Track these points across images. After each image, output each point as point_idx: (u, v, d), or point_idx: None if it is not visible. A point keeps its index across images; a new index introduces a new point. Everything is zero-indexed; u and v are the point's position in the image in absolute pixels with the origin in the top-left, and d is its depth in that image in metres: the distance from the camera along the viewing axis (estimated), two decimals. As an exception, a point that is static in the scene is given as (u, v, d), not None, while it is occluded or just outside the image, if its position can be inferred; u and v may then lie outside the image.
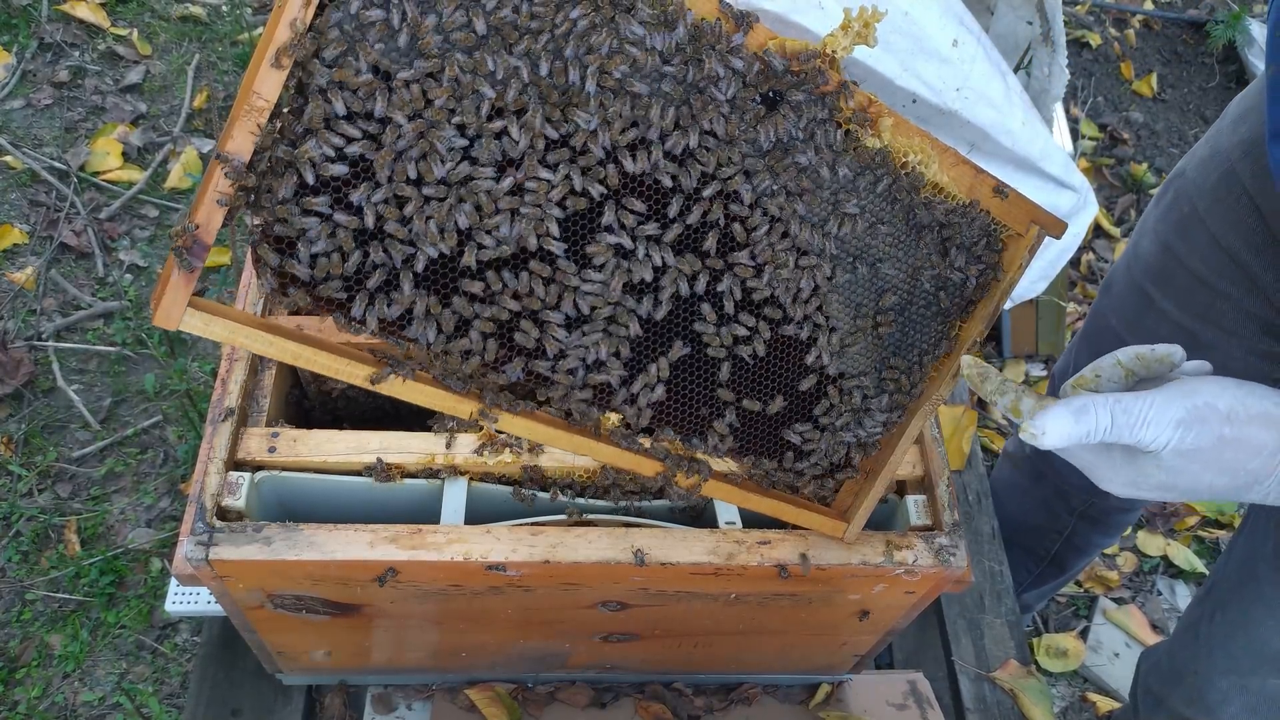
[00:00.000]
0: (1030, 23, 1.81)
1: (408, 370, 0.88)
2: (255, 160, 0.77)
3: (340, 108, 0.79)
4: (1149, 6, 3.86)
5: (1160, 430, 0.81)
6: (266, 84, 0.75)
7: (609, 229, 0.90)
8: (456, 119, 0.82)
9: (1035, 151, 1.50)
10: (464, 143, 0.84)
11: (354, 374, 0.88)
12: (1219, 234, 1.36)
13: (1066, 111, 3.25)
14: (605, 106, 0.86)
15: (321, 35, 0.77)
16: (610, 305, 0.93)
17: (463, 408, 0.92)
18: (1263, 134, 1.31)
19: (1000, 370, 0.96)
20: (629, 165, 0.88)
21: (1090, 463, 0.89)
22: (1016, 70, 1.84)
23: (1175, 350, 0.88)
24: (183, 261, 0.76)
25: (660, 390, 0.98)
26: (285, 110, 0.79)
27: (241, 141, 0.76)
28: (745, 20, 0.89)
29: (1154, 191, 3.21)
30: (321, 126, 0.79)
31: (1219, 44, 3.68)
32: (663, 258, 0.93)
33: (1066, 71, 1.84)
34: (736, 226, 0.95)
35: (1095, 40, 3.64)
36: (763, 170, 0.93)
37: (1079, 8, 3.71)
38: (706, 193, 0.92)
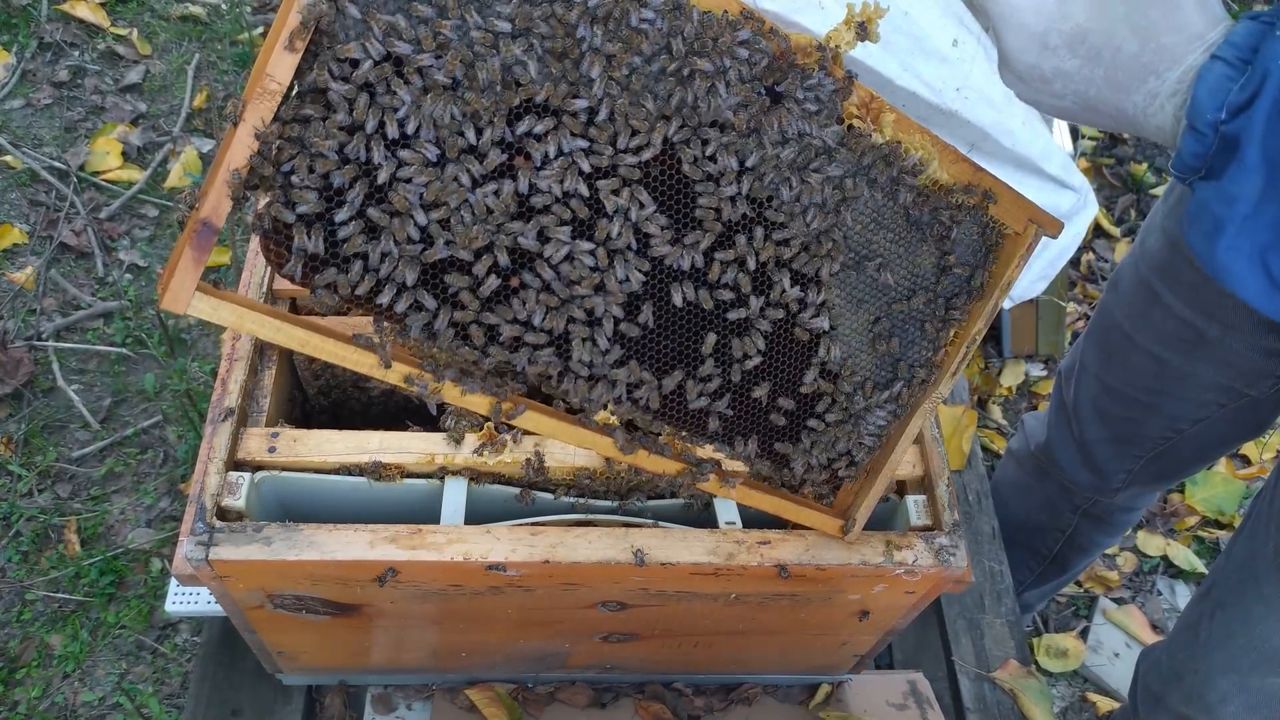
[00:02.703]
0: (1030, 23, 1.80)
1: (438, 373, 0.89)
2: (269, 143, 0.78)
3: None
4: (1149, 6, 3.86)
5: None
6: (280, 66, 0.76)
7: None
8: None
9: (1035, 151, 1.50)
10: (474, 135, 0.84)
11: (360, 361, 0.88)
12: None
13: (1066, 111, 3.25)
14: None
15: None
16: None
17: (480, 402, 0.93)
18: None
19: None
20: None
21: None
22: (1016, 70, 1.84)
23: None
24: (201, 237, 0.76)
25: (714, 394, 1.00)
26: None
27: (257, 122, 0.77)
28: (753, 18, 0.89)
29: (1155, 191, 3.21)
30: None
31: (1219, 44, 3.67)
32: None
33: (1066, 71, 1.84)
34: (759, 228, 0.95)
35: (1095, 40, 3.64)
36: (777, 163, 0.94)
37: (1079, 8, 3.71)
38: (740, 189, 0.94)
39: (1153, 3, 0.75)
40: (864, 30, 0.91)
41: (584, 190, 0.89)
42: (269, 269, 1.30)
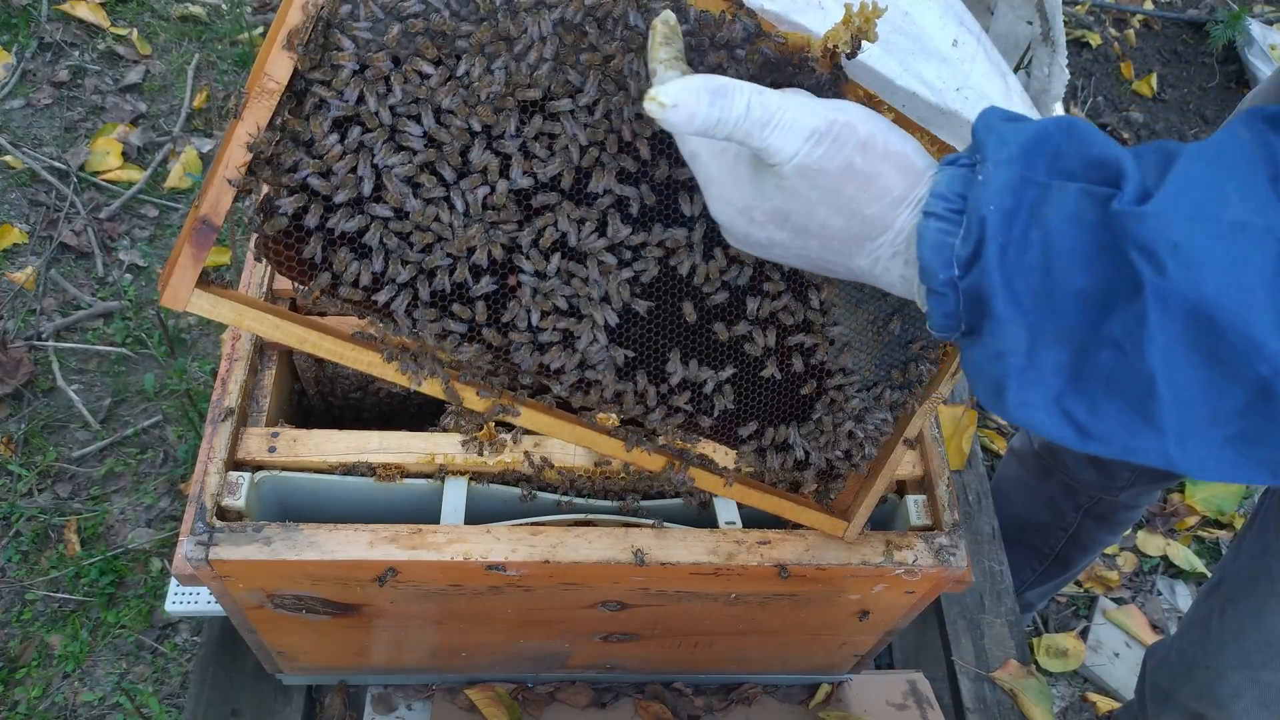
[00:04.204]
0: (1030, 23, 1.81)
1: (430, 368, 0.89)
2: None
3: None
4: (1149, 6, 3.86)
5: (792, 137, 0.70)
6: (278, 66, 0.76)
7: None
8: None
9: (1035, 151, 1.49)
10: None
11: (359, 359, 0.88)
12: None
13: (1066, 111, 3.25)
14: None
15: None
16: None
17: (478, 401, 0.93)
18: None
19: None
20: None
21: (712, 174, 0.78)
22: (1016, 70, 1.84)
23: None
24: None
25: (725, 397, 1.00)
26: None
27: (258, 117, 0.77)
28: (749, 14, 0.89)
29: (1154, 191, 3.21)
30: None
31: (1219, 44, 3.67)
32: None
33: (1066, 71, 1.84)
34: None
35: (1095, 40, 3.64)
36: None
37: (1079, 8, 3.71)
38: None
39: (846, 180, 0.71)
40: (862, 30, 0.92)
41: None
42: (268, 269, 1.30)
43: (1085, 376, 0.66)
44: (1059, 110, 2.58)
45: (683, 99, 0.68)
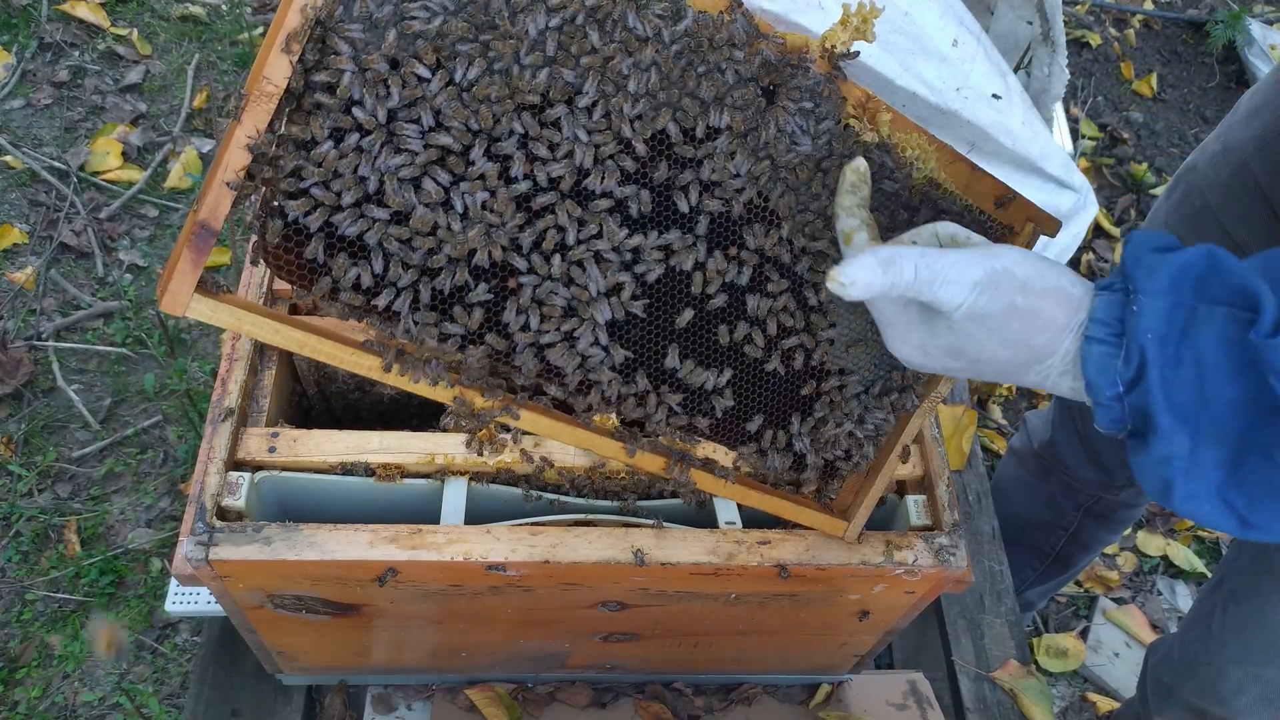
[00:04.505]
0: (1030, 23, 1.81)
1: (432, 373, 0.89)
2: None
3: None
4: (1149, 6, 3.86)
5: (958, 290, 0.79)
6: (276, 69, 0.75)
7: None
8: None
9: (1035, 151, 1.50)
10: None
11: (359, 363, 0.88)
12: (1231, 228, 1.38)
13: (1066, 111, 3.25)
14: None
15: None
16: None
17: (479, 403, 0.93)
18: (1276, 130, 1.32)
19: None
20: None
21: (889, 319, 0.87)
22: (1016, 70, 1.84)
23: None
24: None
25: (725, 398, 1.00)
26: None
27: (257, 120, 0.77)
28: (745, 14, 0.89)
29: (1154, 191, 3.21)
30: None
31: (1219, 44, 3.68)
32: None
33: (1066, 71, 1.84)
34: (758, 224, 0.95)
35: (1095, 40, 3.64)
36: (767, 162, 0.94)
37: (1079, 8, 3.71)
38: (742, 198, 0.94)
39: (1011, 318, 0.79)
40: (860, 30, 0.92)
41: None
42: (268, 271, 1.30)
43: (1242, 473, 0.73)
44: (1059, 110, 2.58)
45: (859, 276, 0.79)
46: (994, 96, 1.32)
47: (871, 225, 0.90)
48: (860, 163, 0.91)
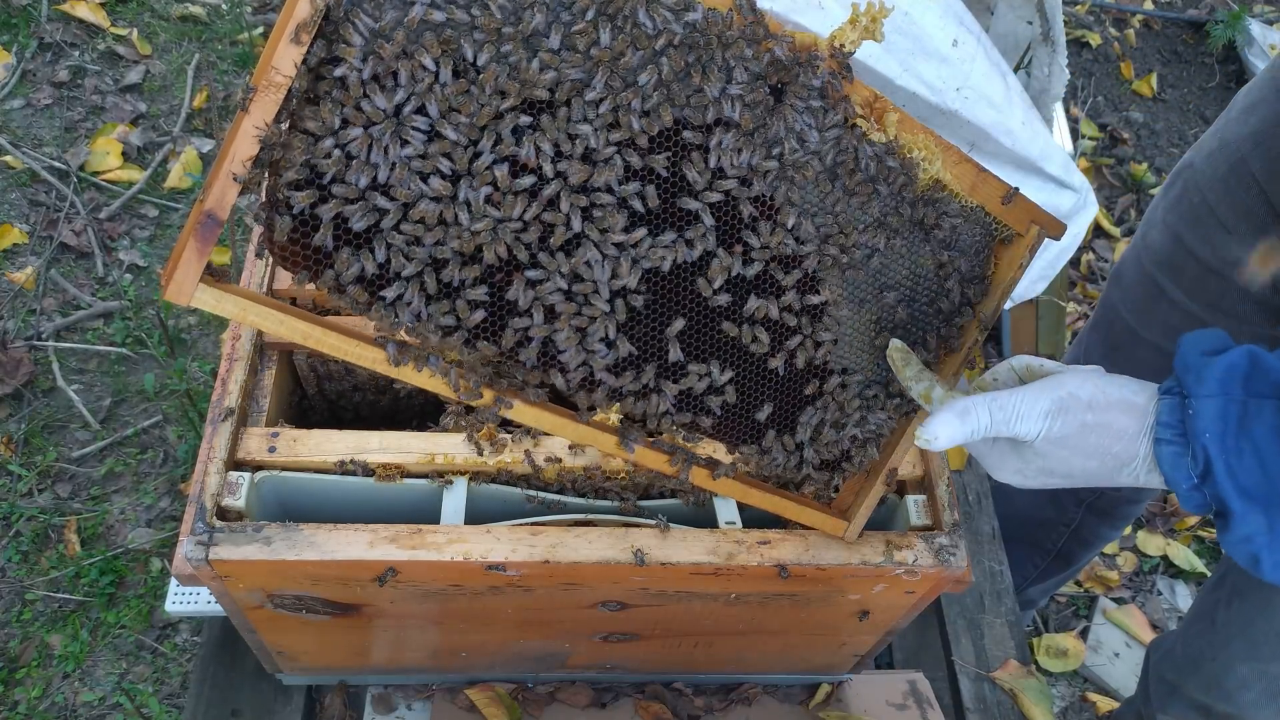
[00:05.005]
0: (1030, 23, 1.81)
1: (435, 366, 0.89)
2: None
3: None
4: (1149, 6, 3.86)
5: (1032, 423, 0.89)
6: (285, 60, 0.75)
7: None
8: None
9: (1035, 151, 1.50)
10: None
11: (363, 356, 0.88)
12: (1228, 223, 1.38)
13: (1066, 111, 3.25)
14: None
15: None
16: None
17: (482, 398, 0.93)
18: (1272, 125, 1.32)
19: (924, 364, 1.05)
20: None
21: (983, 454, 0.97)
22: (1016, 70, 1.84)
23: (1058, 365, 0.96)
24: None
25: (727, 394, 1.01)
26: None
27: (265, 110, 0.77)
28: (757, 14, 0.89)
29: (1154, 191, 3.21)
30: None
31: (1219, 44, 3.67)
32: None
33: (1066, 71, 1.84)
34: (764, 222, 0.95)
35: (1095, 40, 3.64)
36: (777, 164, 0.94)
37: (1079, 8, 3.71)
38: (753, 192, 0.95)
39: (1086, 435, 0.88)
40: (869, 30, 0.92)
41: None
42: (269, 269, 1.30)
43: None
44: (1059, 110, 2.58)
45: (940, 431, 0.90)
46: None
47: (939, 379, 1.00)
48: (894, 343, 1.03)
